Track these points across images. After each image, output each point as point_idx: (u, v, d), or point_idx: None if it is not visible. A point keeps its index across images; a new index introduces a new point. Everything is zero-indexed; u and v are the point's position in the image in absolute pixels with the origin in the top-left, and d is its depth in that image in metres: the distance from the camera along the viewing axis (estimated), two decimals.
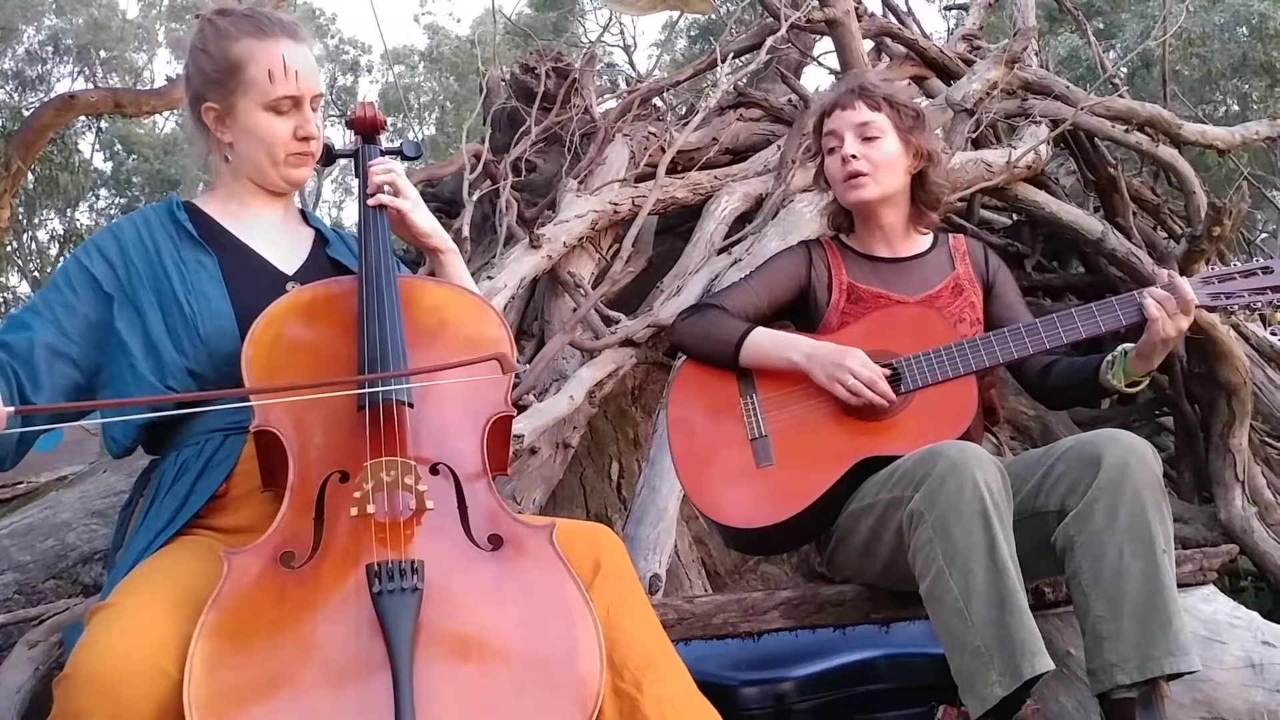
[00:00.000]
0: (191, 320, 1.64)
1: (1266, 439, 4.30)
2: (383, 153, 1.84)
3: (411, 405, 1.50)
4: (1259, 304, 1.99)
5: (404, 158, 1.86)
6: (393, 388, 1.49)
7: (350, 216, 18.39)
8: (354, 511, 1.37)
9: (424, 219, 1.79)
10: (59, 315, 1.63)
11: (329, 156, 1.88)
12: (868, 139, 2.18)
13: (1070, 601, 1.88)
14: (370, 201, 1.74)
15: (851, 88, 2.23)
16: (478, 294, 1.77)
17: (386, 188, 1.75)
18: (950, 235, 2.33)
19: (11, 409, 1.40)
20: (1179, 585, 1.89)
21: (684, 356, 2.28)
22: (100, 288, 1.66)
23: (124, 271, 1.67)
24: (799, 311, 2.26)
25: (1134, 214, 4.43)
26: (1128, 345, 2.03)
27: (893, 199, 2.21)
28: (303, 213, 1.92)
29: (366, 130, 1.86)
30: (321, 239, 1.86)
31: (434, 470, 1.47)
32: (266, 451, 1.50)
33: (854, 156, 2.16)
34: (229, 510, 1.58)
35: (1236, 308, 2.00)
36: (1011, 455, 3.60)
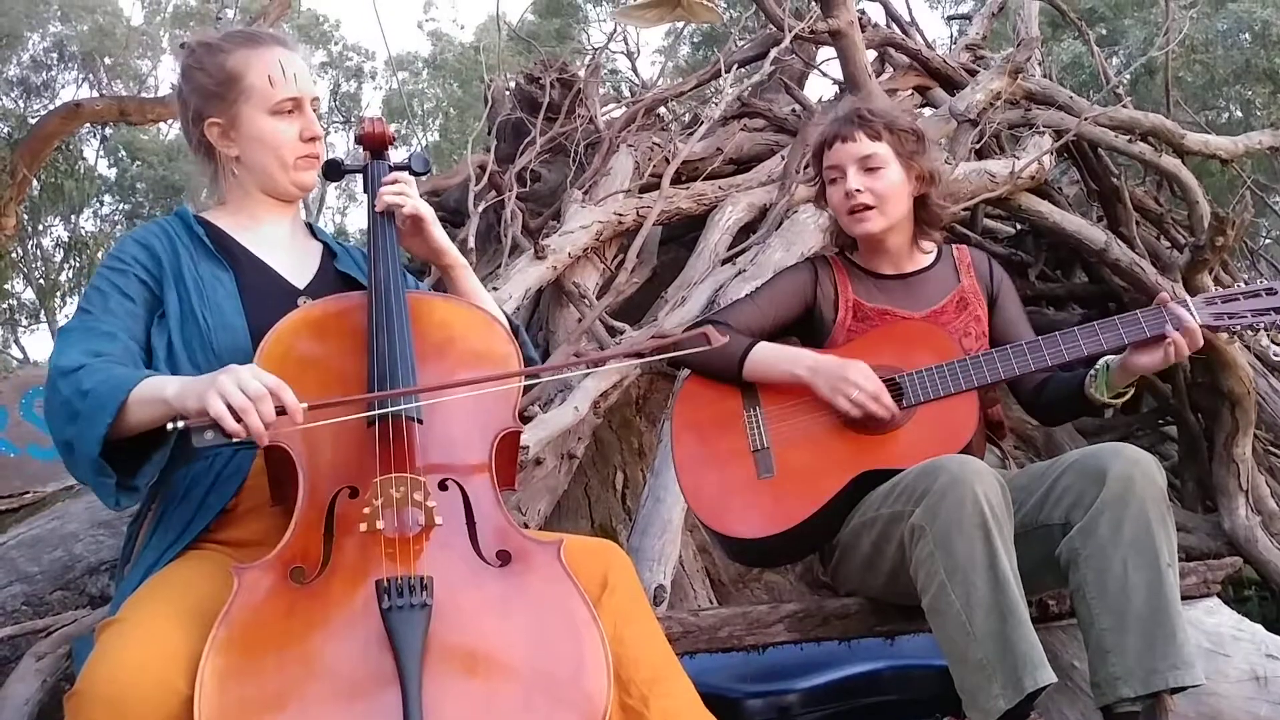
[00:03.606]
0: (206, 334, 1.64)
1: (1270, 448, 4.31)
2: (391, 168, 1.84)
3: (421, 421, 1.51)
4: (1261, 325, 2.00)
5: (412, 172, 1.86)
6: (403, 406, 1.49)
7: (354, 223, 18.40)
8: (363, 527, 1.38)
9: (441, 233, 1.80)
10: (129, 324, 1.62)
11: (338, 171, 1.89)
12: (870, 170, 2.16)
13: (1074, 614, 1.88)
14: (378, 207, 1.75)
15: (850, 118, 2.20)
16: (489, 309, 1.77)
17: (399, 200, 1.76)
18: (954, 247, 2.33)
19: (305, 405, 1.41)
20: (1183, 598, 1.90)
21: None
22: (153, 294, 1.67)
23: (160, 279, 1.68)
24: (805, 329, 2.27)
25: (1137, 224, 4.44)
26: (1112, 358, 2.05)
27: (897, 225, 2.21)
28: (309, 226, 1.93)
29: (375, 145, 1.86)
30: (329, 252, 1.87)
31: (442, 486, 1.47)
32: (276, 467, 1.50)
33: (858, 190, 2.15)
34: (237, 524, 1.59)
35: (1240, 328, 2.01)
36: (1016, 466, 3.60)
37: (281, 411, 1.38)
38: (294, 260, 1.81)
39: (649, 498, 2.78)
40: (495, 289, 3.04)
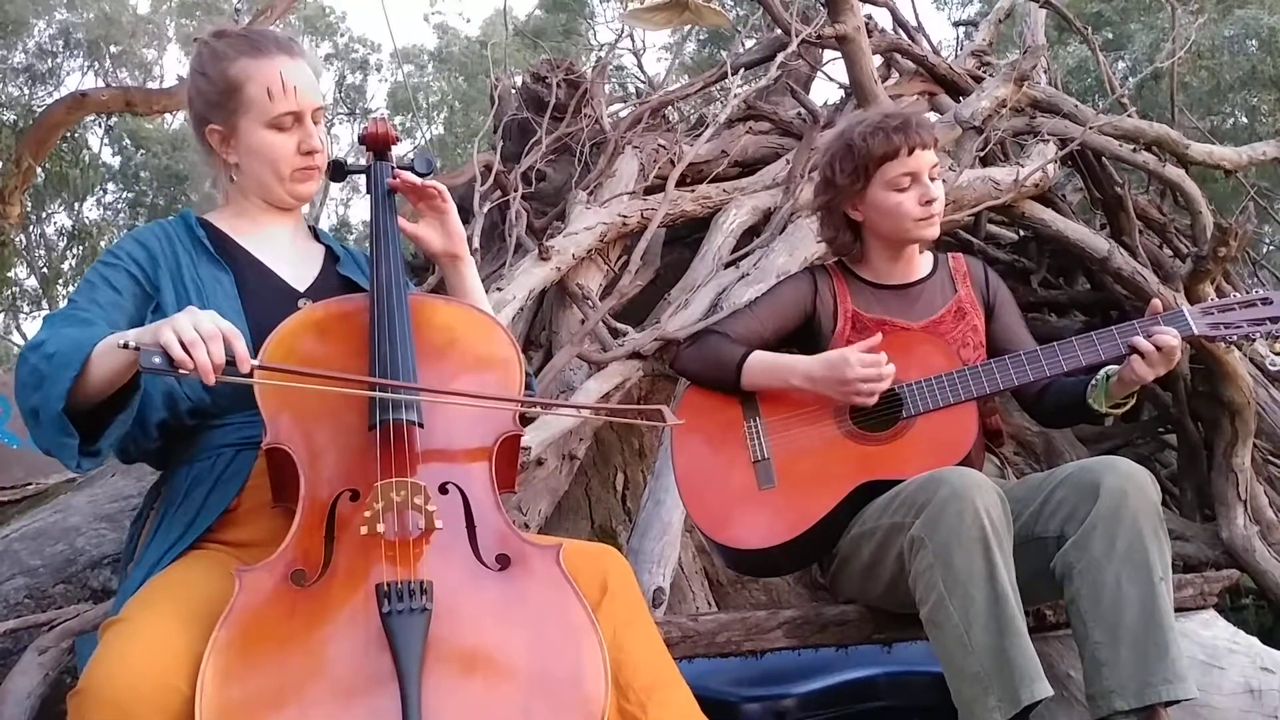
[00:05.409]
0: None
1: (1269, 458, 4.31)
2: (395, 168, 1.85)
3: (422, 425, 1.52)
4: (1257, 335, 2.02)
5: (415, 173, 1.87)
6: (401, 397, 1.50)
7: (356, 215, 18.40)
8: (364, 530, 1.39)
9: (459, 221, 1.83)
10: (111, 314, 1.63)
11: (341, 172, 1.89)
12: (934, 178, 2.19)
13: (1070, 625, 1.89)
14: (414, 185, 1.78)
15: (919, 125, 2.21)
16: (489, 310, 1.79)
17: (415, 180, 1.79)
18: (949, 256, 2.34)
19: (256, 361, 1.43)
20: (1179, 610, 1.91)
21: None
22: (144, 290, 1.68)
23: (155, 279, 1.69)
24: (804, 339, 2.27)
25: (1140, 232, 4.43)
26: (1111, 369, 2.06)
27: None
28: (312, 229, 1.94)
29: (379, 146, 1.87)
30: (332, 256, 1.87)
31: (443, 490, 1.48)
32: (278, 469, 1.51)
33: (936, 198, 2.18)
34: (238, 525, 1.60)
35: (1235, 338, 2.03)
36: (1015, 474, 3.61)
37: (231, 362, 1.39)
38: (295, 263, 1.82)
39: (649, 500, 2.79)
40: (499, 289, 3.04)
